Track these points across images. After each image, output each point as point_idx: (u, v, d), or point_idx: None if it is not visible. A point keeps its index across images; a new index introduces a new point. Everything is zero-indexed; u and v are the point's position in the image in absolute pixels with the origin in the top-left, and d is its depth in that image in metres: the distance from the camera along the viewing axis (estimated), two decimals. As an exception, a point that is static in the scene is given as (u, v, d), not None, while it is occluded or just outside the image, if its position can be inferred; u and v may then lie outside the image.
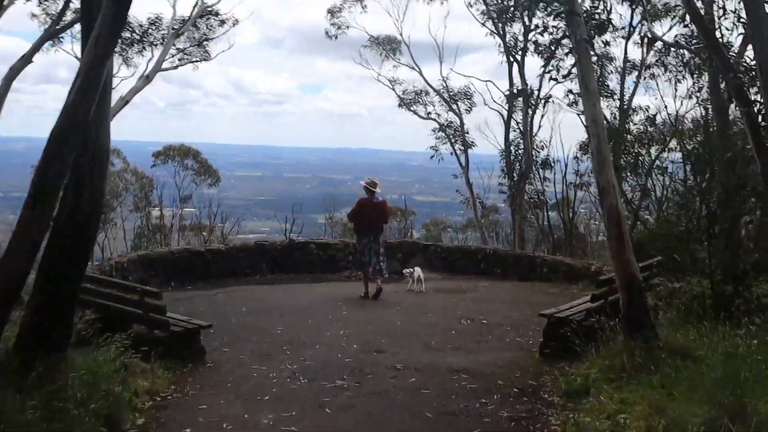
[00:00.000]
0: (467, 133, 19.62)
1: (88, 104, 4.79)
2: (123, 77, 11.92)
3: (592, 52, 15.45)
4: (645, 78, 17.01)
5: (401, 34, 19.90)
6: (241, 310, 10.14)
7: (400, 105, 20.25)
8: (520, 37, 17.62)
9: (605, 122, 17.72)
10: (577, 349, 6.91)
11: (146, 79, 10.39)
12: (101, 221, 25.73)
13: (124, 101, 10.19)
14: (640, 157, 16.07)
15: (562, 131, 20.81)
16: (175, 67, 12.72)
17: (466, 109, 19.97)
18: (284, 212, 23.61)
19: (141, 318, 7.14)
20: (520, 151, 18.25)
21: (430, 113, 20.20)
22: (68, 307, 5.34)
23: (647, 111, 16.23)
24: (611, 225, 6.53)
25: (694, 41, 13.62)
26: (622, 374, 6.07)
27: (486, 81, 19.37)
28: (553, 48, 16.75)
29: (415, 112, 20.18)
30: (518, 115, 18.85)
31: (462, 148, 19.57)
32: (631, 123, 16.86)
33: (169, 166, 27.94)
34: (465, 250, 15.02)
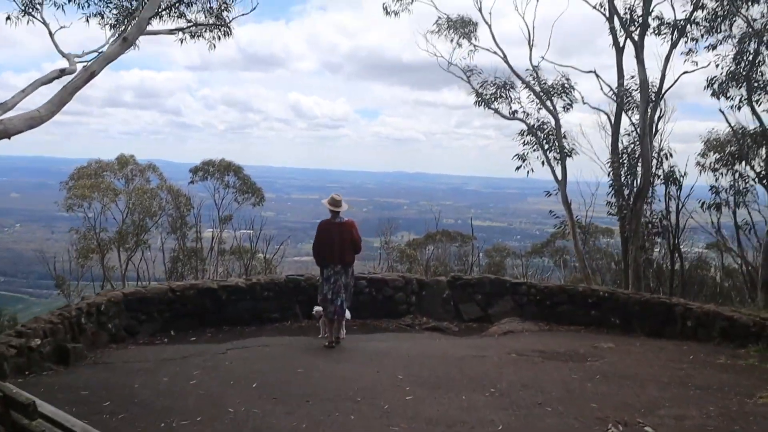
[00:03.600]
0: (564, 137, 15.54)
1: None
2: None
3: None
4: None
5: (480, 10, 15.79)
6: (251, 387, 6.58)
7: (477, 102, 16.09)
8: (638, 11, 13.60)
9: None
10: None
11: (124, 41, 7.11)
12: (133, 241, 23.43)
13: (90, 72, 6.90)
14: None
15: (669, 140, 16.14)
16: (172, 32, 9.25)
17: (564, 107, 15.74)
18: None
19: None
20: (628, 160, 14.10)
21: (515, 112, 16.06)
22: None
23: None
24: None
25: None
26: None
27: (588, 72, 15.27)
28: (686, 19, 12.49)
29: (496, 111, 15.99)
30: (625, 119, 14.86)
31: (557, 156, 15.60)
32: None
33: (209, 184, 25.34)
34: (570, 291, 11.06)
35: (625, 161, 14.16)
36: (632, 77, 14.39)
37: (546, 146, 15.37)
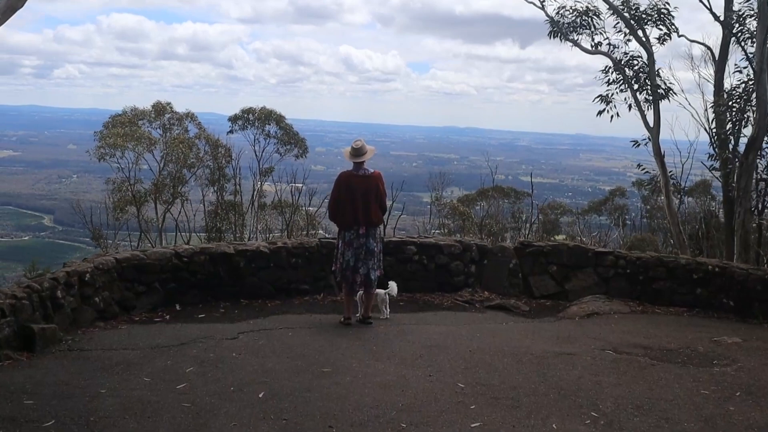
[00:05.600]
0: (658, 74, 12.79)
1: None
2: None
3: None
4: None
5: None
6: (256, 397, 4.78)
7: (551, 33, 13.25)
8: None
9: None
10: None
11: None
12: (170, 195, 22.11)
13: None
14: None
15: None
16: None
17: (660, 38, 12.79)
18: (389, 189, 18.82)
19: None
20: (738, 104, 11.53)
21: (599, 44, 13.33)
22: None
23: None
24: None
25: None
26: None
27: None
28: None
29: (575, 43, 13.32)
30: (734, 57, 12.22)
31: (649, 97, 12.85)
32: None
33: (249, 134, 23.68)
34: (669, 264, 8.84)
35: (734, 103, 11.62)
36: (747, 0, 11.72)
37: (636, 86, 12.83)
